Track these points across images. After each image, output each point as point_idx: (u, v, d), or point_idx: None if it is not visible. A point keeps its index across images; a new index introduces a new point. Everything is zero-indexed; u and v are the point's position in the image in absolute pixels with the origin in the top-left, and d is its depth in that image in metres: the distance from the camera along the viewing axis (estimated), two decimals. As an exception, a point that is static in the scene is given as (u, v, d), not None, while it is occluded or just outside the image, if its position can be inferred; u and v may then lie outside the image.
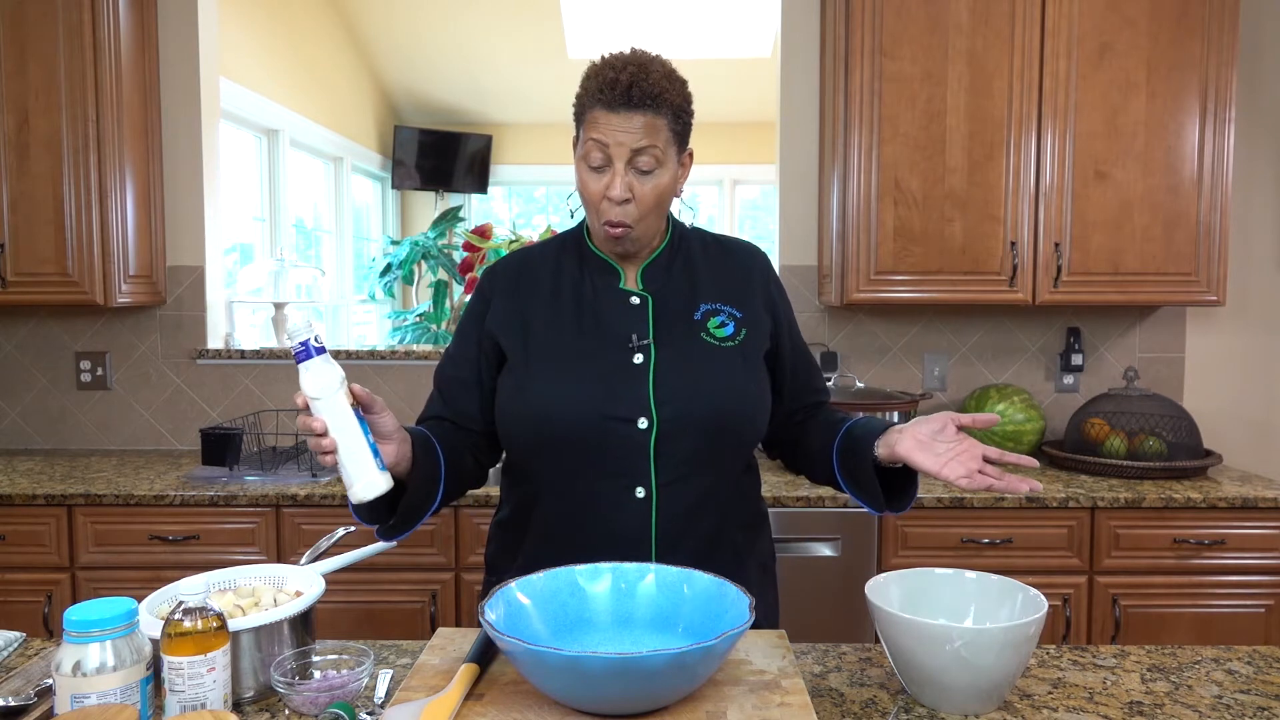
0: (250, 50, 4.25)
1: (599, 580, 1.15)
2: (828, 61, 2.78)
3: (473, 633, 1.21)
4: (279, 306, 3.26)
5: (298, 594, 1.23)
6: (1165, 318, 2.97)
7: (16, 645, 1.31)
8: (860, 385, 2.76)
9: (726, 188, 6.65)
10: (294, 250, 4.84)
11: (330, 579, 1.31)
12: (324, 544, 1.38)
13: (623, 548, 1.25)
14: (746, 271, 1.40)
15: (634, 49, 1.27)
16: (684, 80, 1.28)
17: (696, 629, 1.10)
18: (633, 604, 1.14)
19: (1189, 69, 2.54)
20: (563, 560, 1.20)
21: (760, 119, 5.56)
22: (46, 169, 2.59)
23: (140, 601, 1.15)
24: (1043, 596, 1.15)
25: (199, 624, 1.02)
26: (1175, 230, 2.58)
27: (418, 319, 5.50)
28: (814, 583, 2.37)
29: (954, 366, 2.98)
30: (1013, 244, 2.58)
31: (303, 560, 1.33)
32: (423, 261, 5.64)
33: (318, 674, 1.15)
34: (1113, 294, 2.59)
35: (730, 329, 1.33)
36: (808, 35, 2.92)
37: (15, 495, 2.37)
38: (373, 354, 2.99)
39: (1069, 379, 2.97)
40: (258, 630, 1.13)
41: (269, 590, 1.23)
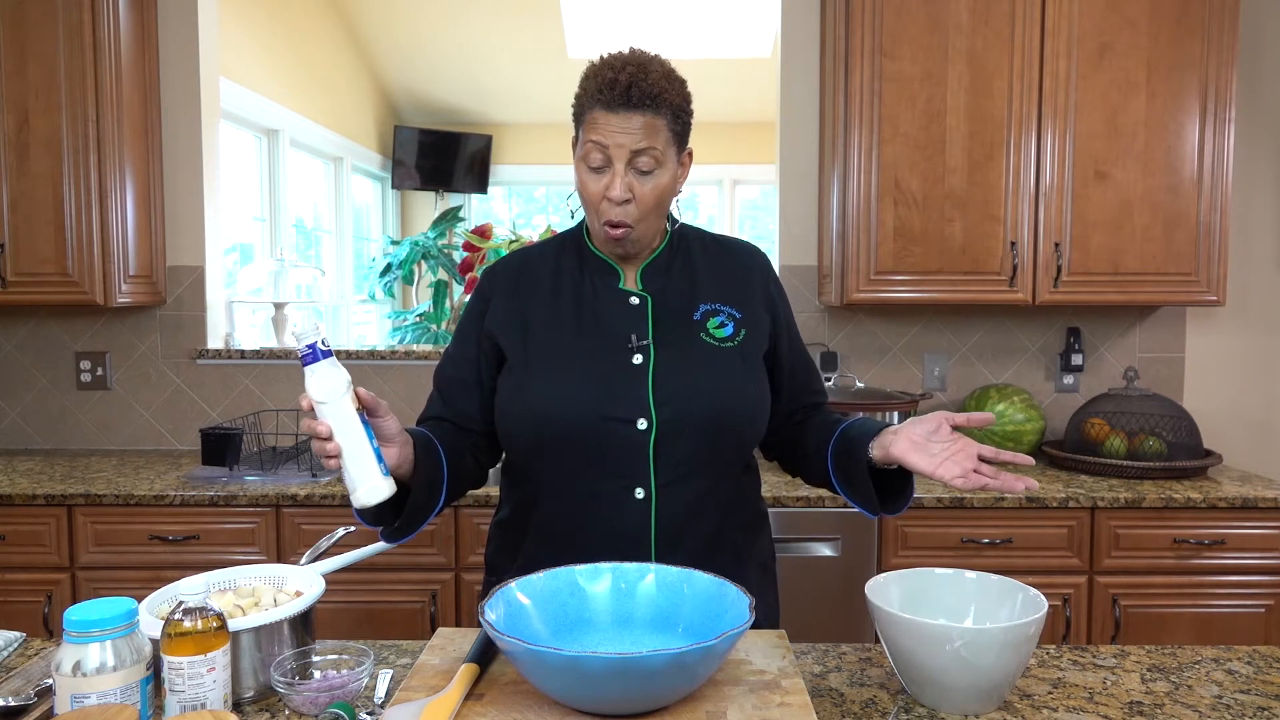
0: (250, 50, 4.25)
1: (599, 580, 1.15)
2: (828, 61, 2.78)
3: (473, 633, 1.21)
4: (279, 306, 3.26)
5: (298, 594, 1.23)
6: (1165, 318, 2.97)
7: (16, 645, 1.31)
8: (860, 385, 2.76)
9: (726, 188, 6.65)
10: (294, 250, 4.84)
11: (330, 579, 1.31)
12: (324, 544, 1.38)
13: (622, 548, 1.25)
14: (746, 272, 1.40)
15: (633, 49, 1.27)
16: (683, 80, 1.28)
17: (696, 629, 1.10)
18: (633, 604, 1.14)
19: (1189, 69, 2.54)
20: (563, 560, 1.20)
21: (760, 119, 5.56)
22: (46, 169, 2.59)
23: (140, 601, 1.15)
24: (1043, 596, 1.15)
25: (199, 624, 1.02)
26: (1175, 230, 2.58)
27: (418, 319, 5.50)
28: (814, 583, 2.37)
29: (954, 366, 2.98)
30: (1013, 244, 2.58)
31: (303, 560, 1.33)
32: (423, 261, 5.64)
33: (318, 674, 1.15)
34: (1113, 294, 2.59)
35: (730, 329, 1.33)
36: (808, 35, 2.92)
37: (15, 495, 2.37)
38: (373, 354, 2.99)
39: (1069, 379, 2.97)
40: (258, 630, 1.13)
41: (269, 590, 1.23)
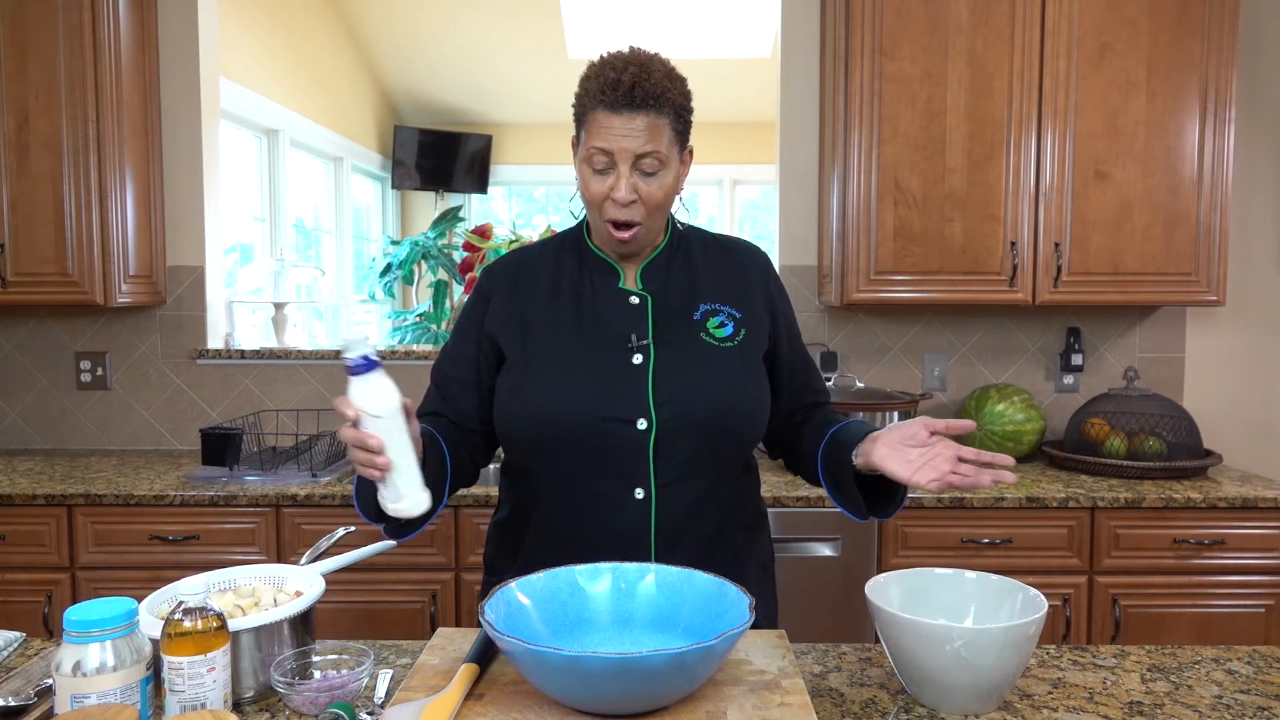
0: (250, 50, 4.25)
1: (599, 580, 1.15)
2: (828, 61, 2.78)
3: (473, 633, 1.21)
4: (279, 306, 3.26)
5: (298, 594, 1.23)
6: (1165, 318, 2.97)
7: (16, 645, 1.31)
8: (860, 385, 2.76)
9: (726, 188, 6.65)
10: (294, 250, 4.84)
11: (330, 579, 1.31)
12: (324, 544, 1.38)
13: (622, 548, 1.25)
14: (746, 271, 1.40)
15: (633, 48, 1.27)
16: (684, 79, 1.28)
17: (696, 629, 1.10)
18: (633, 604, 1.14)
19: (1189, 69, 2.54)
20: (562, 560, 1.20)
21: (760, 119, 5.56)
22: (46, 169, 2.59)
23: (140, 601, 1.15)
24: (1042, 596, 1.15)
25: (199, 624, 1.02)
26: (1175, 230, 2.58)
27: (418, 319, 5.50)
28: (814, 583, 2.37)
29: (954, 366, 2.98)
30: (1013, 244, 2.58)
31: (303, 560, 1.33)
32: (423, 261, 5.64)
33: (318, 674, 1.15)
34: (1113, 294, 2.59)
35: (730, 329, 1.33)
36: (808, 35, 2.92)
37: (15, 495, 2.37)
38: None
39: (1069, 379, 2.97)
40: (258, 630, 1.13)
41: (269, 590, 1.23)
